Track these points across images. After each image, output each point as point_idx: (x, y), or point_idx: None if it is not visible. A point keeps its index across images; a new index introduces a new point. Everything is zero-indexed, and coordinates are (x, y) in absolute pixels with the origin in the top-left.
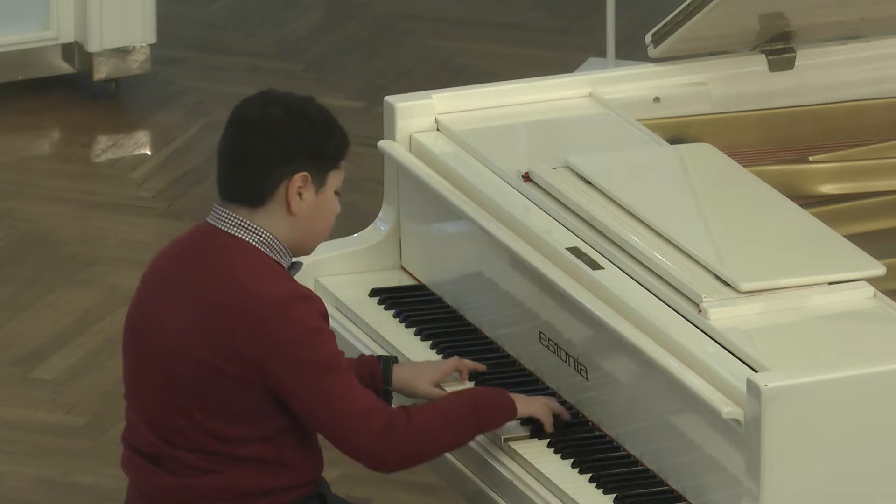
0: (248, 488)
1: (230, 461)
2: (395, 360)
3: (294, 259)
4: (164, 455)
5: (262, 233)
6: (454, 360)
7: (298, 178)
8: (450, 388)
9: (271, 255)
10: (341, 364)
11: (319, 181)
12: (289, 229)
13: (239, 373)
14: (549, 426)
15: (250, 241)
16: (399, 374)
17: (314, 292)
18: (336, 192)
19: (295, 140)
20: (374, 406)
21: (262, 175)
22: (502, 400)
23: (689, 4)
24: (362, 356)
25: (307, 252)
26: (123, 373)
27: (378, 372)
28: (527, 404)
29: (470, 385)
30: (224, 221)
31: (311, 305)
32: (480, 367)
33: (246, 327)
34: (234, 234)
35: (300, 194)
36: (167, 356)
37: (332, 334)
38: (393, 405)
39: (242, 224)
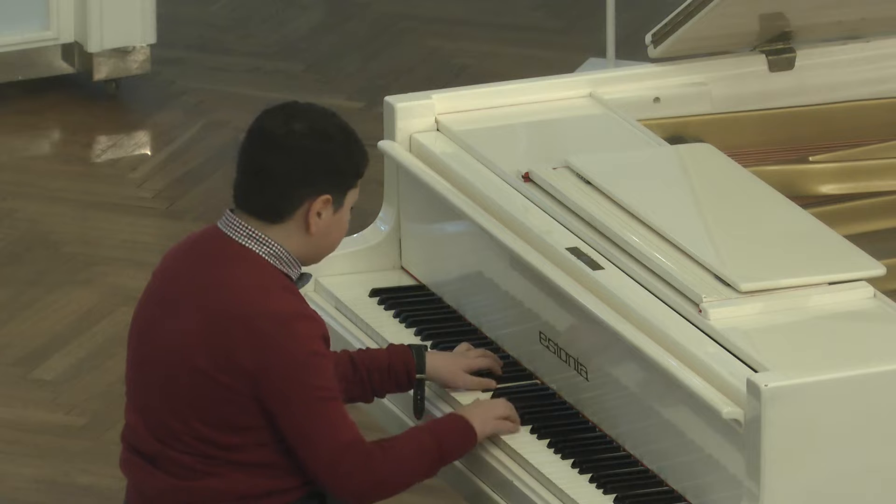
0: (247, 491)
1: (228, 465)
2: (425, 347)
3: (303, 270)
4: (162, 456)
5: (273, 245)
6: (482, 352)
7: (321, 201)
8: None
9: (280, 266)
10: (336, 391)
11: (339, 201)
12: (302, 245)
13: (233, 384)
14: (514, 427)
15: (259, 252)
16: (434, 363)
17: (317, 313)
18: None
19: (320, 163)
20: (358, 439)
21: (285, 195)
22: (464, 429)
23: (689, 4)
24: (391, 346)
25: (316, 262)
26: (126, 371)
27: (412, 363)
28: (484, 425)
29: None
30: (235, 230)
31: (314, 327)
32: (498, 366)
33: (246, 340)
34: (243, 244)
35: (319, 214)
36: (166, 361)
37: (330, 360)
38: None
39: (253, 235)
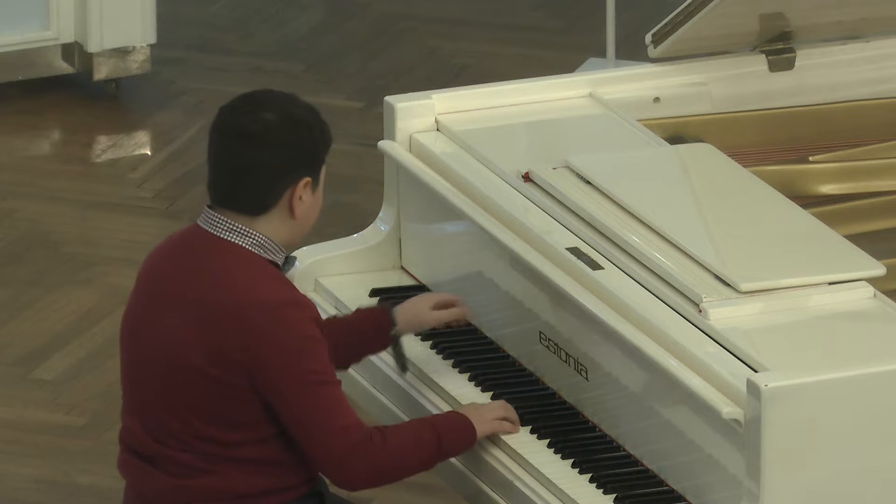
0: (246, 489)
1: (226, 462)
2: (391, 305)
3: (288, 254)
4: (160, 456)
5: (256, 236)
6: (444, 294)
7: (301, 185)
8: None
9: (265, 255)
10: (332, 375)
11: (316, 181)
12: (286, 230)
13: (229, 378)
14: (513, 427)
15: (243, 244)
16: (402, 315)
17: (307, 297)
18: None
19: (297, 149)
20: (356, 423)
21: (268, 187)
22: (464, 426)
23: (689, 4)
24: (358, 309)
25: (297, 241)
26: (121, 374)
27: (385, 323)
28: (482, 425)
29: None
30: (216, 226)
31: (305, 312)
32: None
33: (238, 334)
34: (226, 239)
35: (301, 198)
36: (160, 360)
37: (324, 343)
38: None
39: (235, 228)
